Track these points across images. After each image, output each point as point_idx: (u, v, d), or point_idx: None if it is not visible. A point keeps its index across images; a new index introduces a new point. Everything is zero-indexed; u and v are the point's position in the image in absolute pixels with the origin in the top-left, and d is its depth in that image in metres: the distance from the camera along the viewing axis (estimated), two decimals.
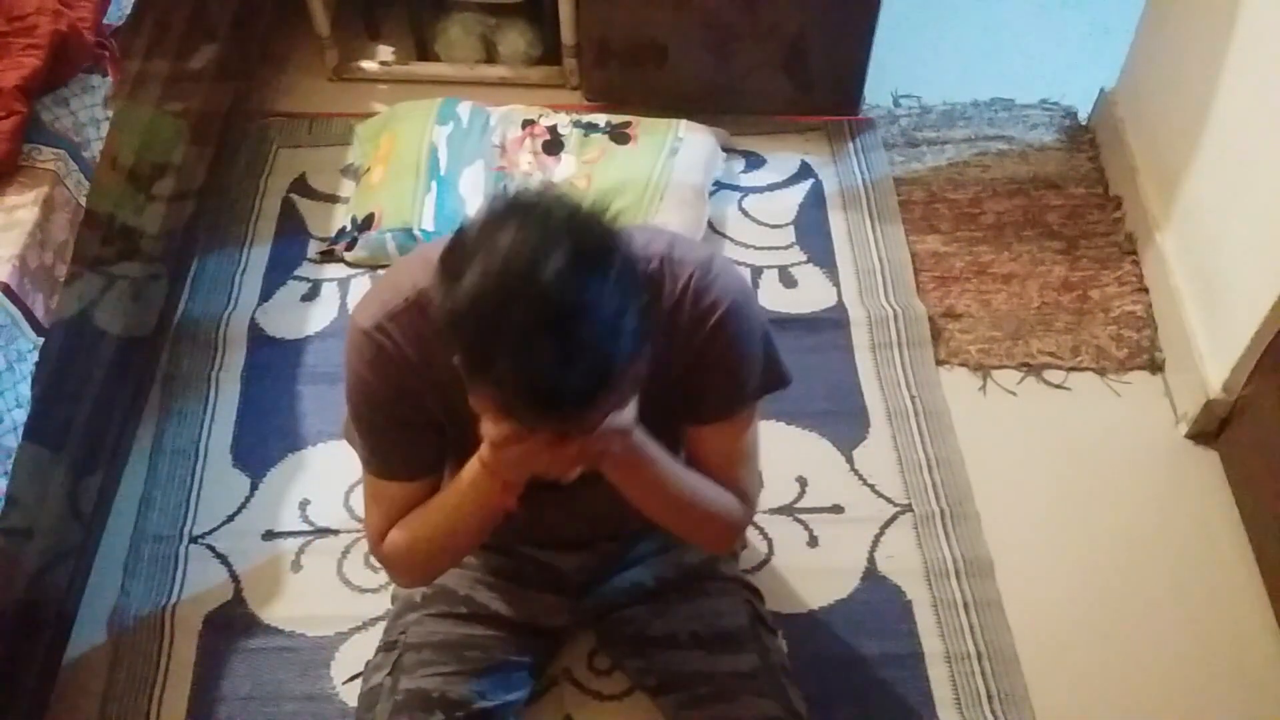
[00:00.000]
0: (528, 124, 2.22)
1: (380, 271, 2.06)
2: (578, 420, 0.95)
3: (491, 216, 0.90)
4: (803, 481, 1.78)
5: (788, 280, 2.07)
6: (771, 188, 2.25)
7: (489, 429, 1.02)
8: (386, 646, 1.39)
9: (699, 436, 1.23)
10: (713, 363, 1.15)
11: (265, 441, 1.83)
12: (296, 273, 2.09)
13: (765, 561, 1.68)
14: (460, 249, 0.90)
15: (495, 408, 0.95)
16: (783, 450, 1.80)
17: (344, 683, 1.54)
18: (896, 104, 2.42)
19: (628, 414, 1.04)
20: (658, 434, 1.14)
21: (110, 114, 1.62)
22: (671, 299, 1.12)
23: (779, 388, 1.24)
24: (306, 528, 1.73)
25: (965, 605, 1.63)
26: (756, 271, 2.08)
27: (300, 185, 2.25)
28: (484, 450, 1.08)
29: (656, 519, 1.23)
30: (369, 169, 2.16)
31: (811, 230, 2.16)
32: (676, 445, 1.24)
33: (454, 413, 1.15)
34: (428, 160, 2.11)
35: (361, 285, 2.06)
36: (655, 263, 1.12)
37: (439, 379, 1.11)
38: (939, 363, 1.94)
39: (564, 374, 0.88)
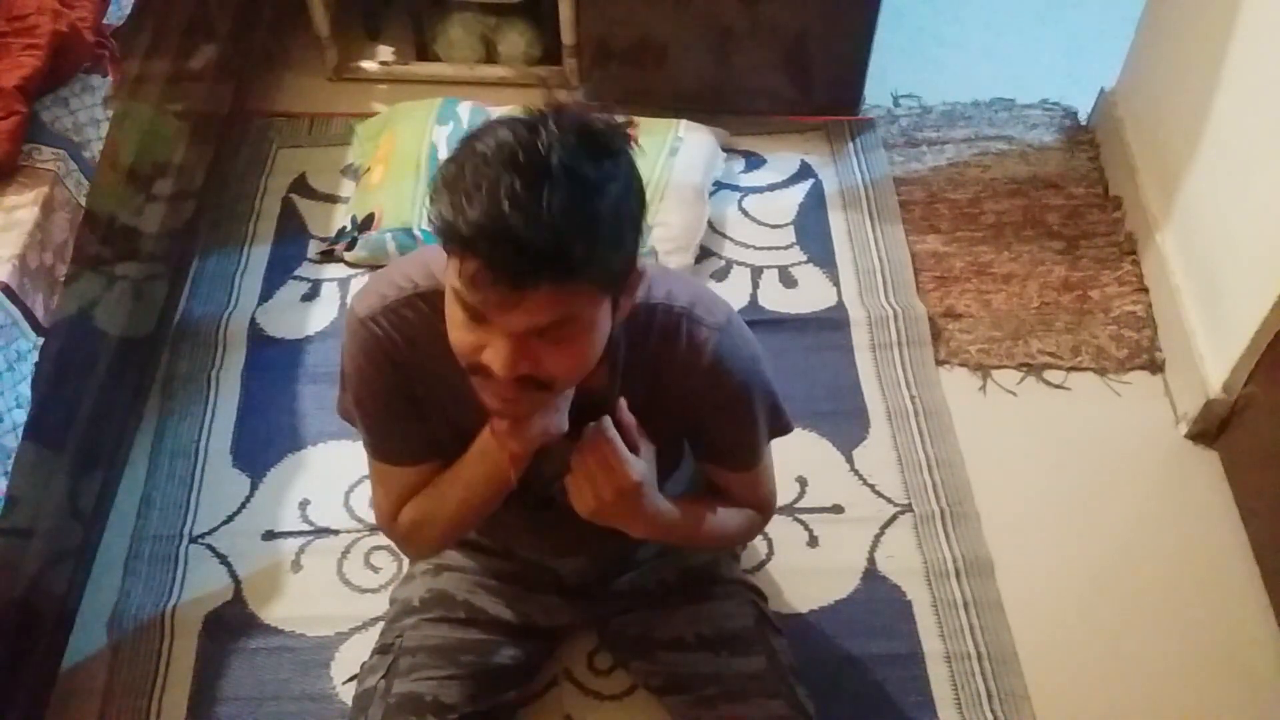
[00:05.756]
0: None
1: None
2: (541, 281, 0.88)
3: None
4: (803, 481, 1.78)
5: (788, 280, 2.07)
6: (771, 188, 2.25)
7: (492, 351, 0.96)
8: (382, 649, 1.39)
9: (717, 474, 1.29)
10: (723, 427, 1.21)
11: (265, 441, 1.83)
12: (296, 273, 2.09)
13: (765, 562, 1.68)
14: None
15: (460, 283, 0.91)
16: (783, 450, 1.76)
17: (344, 683, 1.54)
18: (896, 104, 2.42)
19: (640, 465, 1.09)
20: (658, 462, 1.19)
21: (110, 114, 1.62)
22: (683, 358, 1.13)
23: (780, 435, 1.30)
24: (306, 528, 1.72)
25: (965, 605, 1.63)
26: (756, 271, 2.08)
27: (300, 185, 2.25)
28: (494, 420, 1.12)
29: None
30: (369, 169, 2.16)
31: (811, 230, 2.16)
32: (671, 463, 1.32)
33: (442, 411, 1.17)
34: (428, 160, 2.11)
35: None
36: (674, 316, 1.13)
37: (427, 375, 1.14)
38: (939, 363, 1.94)
39: (534, 215, 0.84)
